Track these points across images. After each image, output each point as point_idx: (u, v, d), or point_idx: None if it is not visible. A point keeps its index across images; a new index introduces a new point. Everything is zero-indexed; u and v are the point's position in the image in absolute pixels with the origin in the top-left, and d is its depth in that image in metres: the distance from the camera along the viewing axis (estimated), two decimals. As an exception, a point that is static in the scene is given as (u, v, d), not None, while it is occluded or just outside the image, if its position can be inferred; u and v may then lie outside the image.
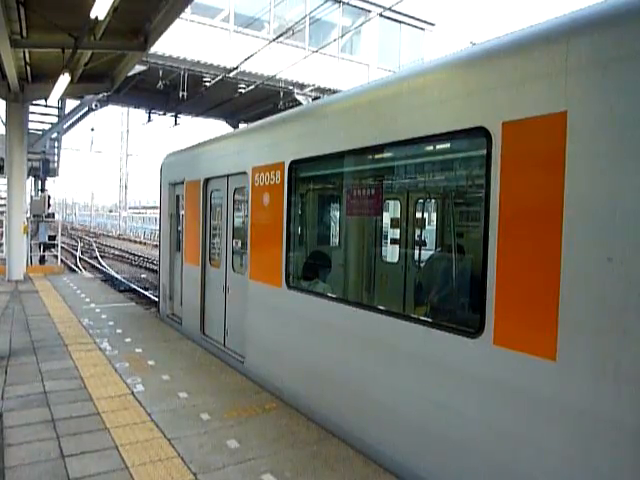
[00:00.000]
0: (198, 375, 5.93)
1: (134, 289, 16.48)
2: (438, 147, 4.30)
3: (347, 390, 4.33)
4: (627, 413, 2.35)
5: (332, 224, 7.02)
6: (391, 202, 6.50)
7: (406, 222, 6.50)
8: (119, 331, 8.05)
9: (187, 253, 8.26)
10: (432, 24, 20.66)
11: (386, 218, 6.17)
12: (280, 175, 5.28)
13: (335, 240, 7.02)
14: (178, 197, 8.93)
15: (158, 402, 5.04)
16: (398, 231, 6.73)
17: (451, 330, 3.33)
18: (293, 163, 5.13)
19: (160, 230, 10.12)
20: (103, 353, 6.73)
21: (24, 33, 9.75)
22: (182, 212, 8.65)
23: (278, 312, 5.38)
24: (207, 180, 7.47)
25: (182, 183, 8.47)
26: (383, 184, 5.10)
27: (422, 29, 20.47)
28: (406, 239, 6.80)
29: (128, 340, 7.48)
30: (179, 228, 8.85)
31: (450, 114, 3.37)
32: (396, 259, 6.73)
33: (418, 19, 20.19)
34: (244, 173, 6.10)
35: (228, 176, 6.81)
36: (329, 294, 4.92)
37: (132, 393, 5.28)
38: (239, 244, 6.64)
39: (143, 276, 20.03)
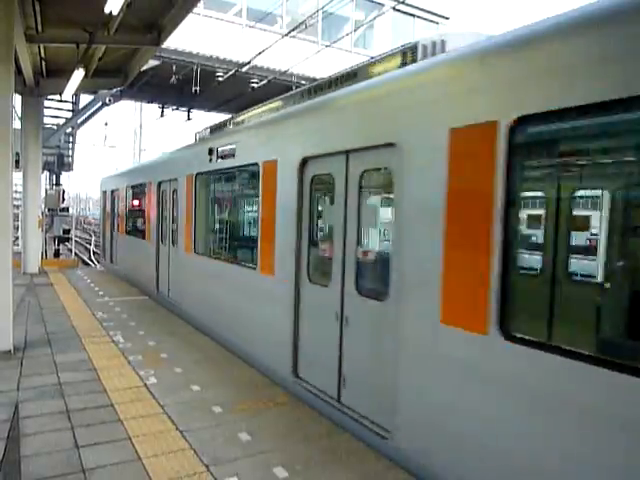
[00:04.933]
0: (210, 368, 5.97)
1: (147, 283, 16.63)
2: None
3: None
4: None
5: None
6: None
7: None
8: (132, 324, 8.14)
9: (119, 228, 13.90)
10: (446, 18, 20.42)
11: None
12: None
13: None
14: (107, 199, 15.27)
15: (171, 394, 5.09)
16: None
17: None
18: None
19: (100, 218, 17.42)
20: (116, 345, 6.81)
21: (39, 28, 9.80)
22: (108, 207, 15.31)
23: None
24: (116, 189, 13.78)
25: (108, 191, 15.07)
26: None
27: (436, 23, 20.25)
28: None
29: (141, 333, 7.55)
30: (113, 215, 14.69)
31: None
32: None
33: (432, 12, 19.98)
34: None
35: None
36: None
37: (145, 385, 5.33)
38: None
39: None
